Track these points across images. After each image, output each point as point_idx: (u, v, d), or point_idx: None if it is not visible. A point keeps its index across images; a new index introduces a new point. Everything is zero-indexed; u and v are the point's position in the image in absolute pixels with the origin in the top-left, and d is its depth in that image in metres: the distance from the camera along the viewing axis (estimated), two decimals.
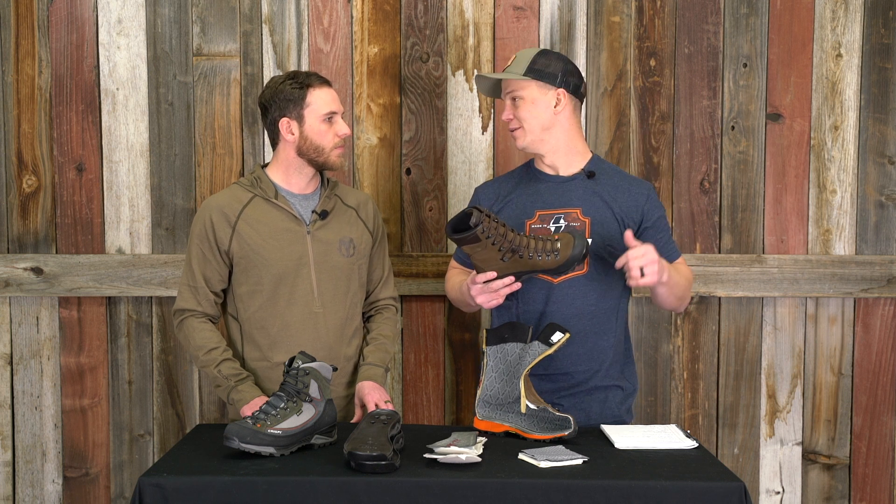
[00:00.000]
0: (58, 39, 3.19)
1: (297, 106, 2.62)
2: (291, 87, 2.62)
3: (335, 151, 2.66)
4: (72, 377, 3.26)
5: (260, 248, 2.62)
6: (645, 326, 3.30)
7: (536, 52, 2.65)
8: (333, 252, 2.68)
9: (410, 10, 3.21)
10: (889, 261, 3.26)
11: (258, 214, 2.65)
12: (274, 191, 2.67)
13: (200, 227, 2.65)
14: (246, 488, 2.10)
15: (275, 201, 2.66)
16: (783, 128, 3.27)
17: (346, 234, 2.71)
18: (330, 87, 2.66)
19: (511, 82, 2.64)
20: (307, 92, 2.62)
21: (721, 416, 3.33)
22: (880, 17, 3.25)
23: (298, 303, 2.65)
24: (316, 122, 2.63)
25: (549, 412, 2.41)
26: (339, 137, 2.66)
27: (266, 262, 2.63)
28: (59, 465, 3.28)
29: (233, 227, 2.63)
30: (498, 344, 2.51)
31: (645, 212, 2.68)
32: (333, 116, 2.64)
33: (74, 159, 3.21)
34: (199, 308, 2.66)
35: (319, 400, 2.35)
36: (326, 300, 2.67)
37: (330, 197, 2.72)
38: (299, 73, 2.66)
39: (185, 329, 2.67)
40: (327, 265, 2.67)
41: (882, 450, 3.34)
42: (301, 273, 2.64)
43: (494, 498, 2.09)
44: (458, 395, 3.30)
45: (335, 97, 2.66)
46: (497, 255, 2.47)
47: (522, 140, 2.66)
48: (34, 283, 3.18)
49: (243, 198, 2.67)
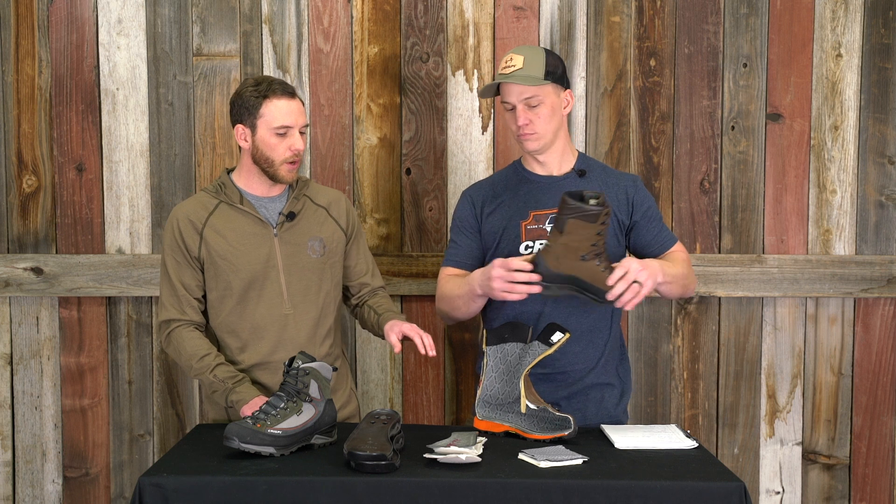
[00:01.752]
0: (58, 39, 3.19)
1: (252, 115, 2.58)
2: (250, 94, 2.58)
3: (285, 166, 2.59)
4: (72, 377, 3.26)
5: (227, 254, 2.61)
6: (645, 326, 3.30)
7: (544, 52, 2.62)
8: (302, 253, 2.66)
9: (410, 10, 3.21)
10: (889, 261, 3.26)
11: (224, 221, 2.63)
12: (239, 196, 2.64)
13: (170, 237, 2.64)
14: (246, 488, 2.10)
15: (240, 206, 2.63)
16: (783, 128, 3.27)
17: (315, 233, 2.68)
18: (292, 99, 2.59)
19: (528, 87, 2.58)
20: (262, 102, 2.56)
21: (721, 416, 3.33)
22: (880, 17, 3.25)
23: (267, 305, 2.63)
24: (267, 133, 2.57)
25: (549, 412, 2.41)
26: (292, 152, 2.59)
27: (234, 268, 2.61)
28: (59, 465, 3.28)
29: (200, 235, 2.61)
30: (498, 344, 2.51)
31: (634, 204, 2.68)
32: (288, 130, 2.57)
33: (74, 159, 3.21)
34: (185, 317, 2.63)
35: (319, 400, 2.35)
36: (297, 301, 2.64)
37: (298, 198, 2.68)
38: (265, 80, 2.60)
39: (173, 341, 2.63)
40: (296, 266, 2.65)
41: (882, 450, 3.34)
42: (269, 276, 2.63)
43: (494, 498, 2.09)
44: (458, 395, 3.30)
45: (294, 110, 2.58)
46: (582, 250, 2.38)
47: (537, 144, 2.63)
48: (34, 283, 3.18)
49: (209, 205, 2.64)
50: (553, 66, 2.61)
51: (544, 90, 2.59)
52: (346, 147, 3.23)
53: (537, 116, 2.59)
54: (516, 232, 2.66)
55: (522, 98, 2.59)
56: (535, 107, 2.59)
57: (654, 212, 2.72)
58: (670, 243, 2.72)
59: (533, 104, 2.59)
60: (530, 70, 2.58)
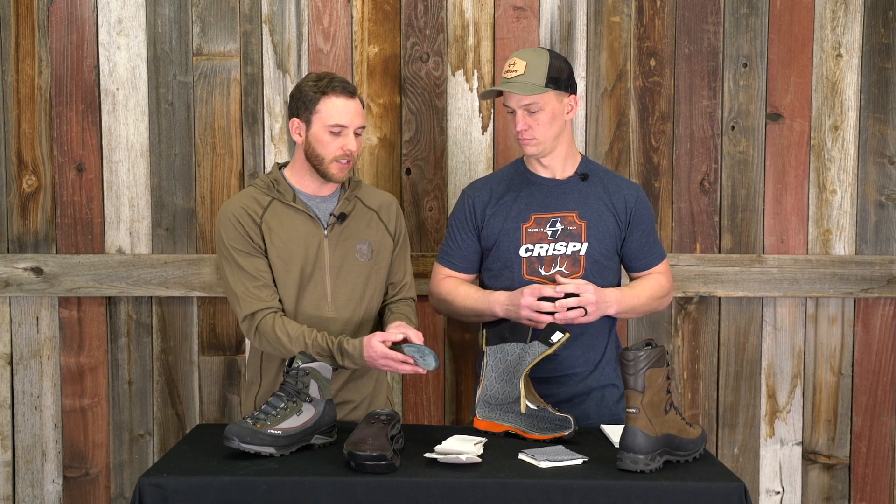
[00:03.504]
0: (58, 39, 3.19)
1: (308, 110, 2.57)
2: (309, 89, 2.57)
3: (335, 165, 2.58)
4: (72, 377, 3.26)
5: (281, 251, 2.58)
6: (645, 326, 3.30)
7: (548, 57, 2.61)
8: (351, 256, 2.63)
9: (410, 10, 3.21)
10: (889, 261, 3.26)
11: (278, 218, 2.60)
12: (292, 194, 2.62)
13: (231, 230, 2.58)
14: (246, 488, 2.10)
15: (293, 204, 2.61)
16: (783, 128, 3.27)
17: (364, 237, 2.66)
18: (351, 99, 2.57)
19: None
20: (320, 98, 2.55)
21: (721, 416, 3.33)
22: (880, 17, 3.25)
23: (312, 306, 2.61)
24: (321, 130, 2.56)
25: (549, 412, 2.41)
26: (343, 152, 2.57)
27: (286, 266, 2.59)
28: (59, 465, 3.28)
29: (259, 227, 2.59)
30: (498, 344, 2.51)
31: (633, 214, 2.69)
32: (343, 129, 2.56)
33: (74, 159, 3.21)
34: (269, 304, 2.56)
35: (319, 400, 2.35)
36: (340, 305, 2.62)
37: (350, 199, 2.67)
38: (327, 76, 2.58)
39: (265, 331, 2.54)
40: (343, 269, 2.63)
41: (882, 450, 3.34)
42: (315, 276, 2.61)
43: (494, 498, 2.10)
44: (458, 395, 3.30)
45: (352, 110, 2.56)
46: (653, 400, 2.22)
47: (535, 149, 2.63)
48: (34, 283, 3.18)
49: (262, 201, 2.62)
50: (557, 71, 2.60)
51: (544, 97, 2.58)
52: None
53: (536, 122, 2.59)
54: (517, 234, 2.66)
55: (522, 104, 2.59)
56: (535, 113, 2.59)
57: (649, 226, 2.72)
58: (655, 262, 2.73)
59: (533, 110, 2.59)
60: (531, 77, 2.57)
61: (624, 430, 2.18)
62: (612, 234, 2.67)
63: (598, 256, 2.65)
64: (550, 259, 2.64)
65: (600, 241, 2.65)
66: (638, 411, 2.16)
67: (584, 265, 2.63)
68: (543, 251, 2.64)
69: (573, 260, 2.63)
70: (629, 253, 2.71)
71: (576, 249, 2.64)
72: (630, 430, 2.16)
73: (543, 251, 2.64)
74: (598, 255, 2.65)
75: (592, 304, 2.52)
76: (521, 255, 2.65)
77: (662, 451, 2.20)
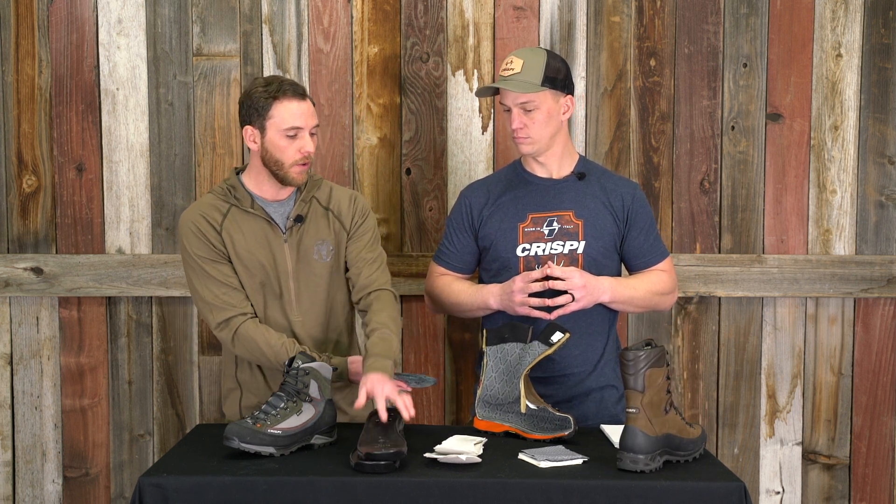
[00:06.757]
0: (58, 39, 3.19)
1: (261, 116, 2.52)
2: (259, 95, 2.52)
3: (295, 168, 2.54)
4: (72, 377, 3.26)
5: (242, 259, 2.57)
6: (645, 326, 3.30)
7: (546, 56, 2.61)
8: (310, 258, 2.61)
9: (410, 10, 3.21)
10: (889, 261, 3.26)
11: (237, 225, 2.58)
12: (250, 200, 2.59)
13: (193, 238, 2.56)
14: (246, 488, 2.10)
15: (251, 210, 2.59)
16: (783, 128, 3.27)
17: (322, 237, 2.63)
18: (302, 101, 2.53)
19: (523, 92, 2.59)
20: (272, 103, 2.50)
21: (721, 416, 3.33)
22: (880, 17, 3.25)
23: (277, 312, 2.60)
24: (276, 135, 2.52)
25: (549, 412, 2.41)
26: (302, 154, 2.53)
27: (248, 273, 2.57)
28: (59, 465, 3.28)
29: (219, 234, 2.57)
30: (498, 344, 2.51)
31: (630, 211, 2.69)
32: (299, 132, 2.52)
33: (74, 159, 3.21)
34: (241, 309, 2.55)
35: (319, 400, 2.35)
36: (305, 308, 2.61)
37: (306, 200, 2.63)
38: (275, 80, 2.54)
39: (244, 337, 2.53)
40: (305, 272, 2.61)
41: (882, 450, 3.34)
42: (279, 281, 2.59)
43: (494, 498, 2.10)
44: (458, 395, 3.30)
45: (305, 111, 2.53)
46: (653, 400, 2.21)
47: (530, 148, 2.64)
48: (34, 283, 3.18)
49: (221, 208, 2.59)
50: (554, 71, 2.60)
51: (540, 96, 2.59)
52: (346, 147, 3.23)
53: (532, 121, 2.60)
54: (514, 234, 2.66)
55: (518, 102, 2.60)
56: (531, 111, 2.59)
57: (648, 224, 2.72)
58: (656, 260, 2.72)
59: (528, 109, 2.59)
60: (528, 75, 2.58)
61: (624, 430, 2.18)
62: (610, 232, 2.67)
63: (596, 255, 2.65)
64: (547, 258, 2.64)
65: (598, 240, 2.65)
66: (638, 411, 2.16)
67: (581, 264, 2.63)
68: (540, 250, 2.64)
69: (571, 259, 2.64)
70: (629, 251, 2.71)
71: (573, 248, 2.64)
72: (630, 430, 2.16)
73: (540, 250, 2.64)
74: (596, 254, 2.65)
75: (579, 287, 2.52)
76: (518, 254, 2.65)
77: (662, 451, 2.19)
